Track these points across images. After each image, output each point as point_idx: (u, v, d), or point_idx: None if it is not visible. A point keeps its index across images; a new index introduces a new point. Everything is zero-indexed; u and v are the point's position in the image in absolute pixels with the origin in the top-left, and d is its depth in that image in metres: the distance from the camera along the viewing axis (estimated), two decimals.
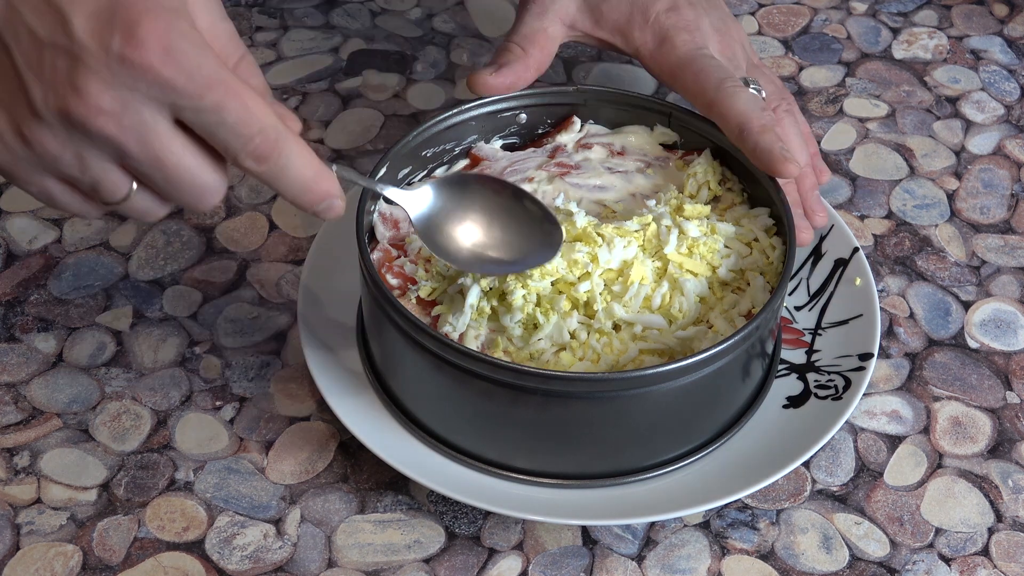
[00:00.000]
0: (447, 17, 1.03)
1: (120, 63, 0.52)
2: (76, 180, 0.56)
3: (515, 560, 0.70)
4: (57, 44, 0.52)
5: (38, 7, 0.52)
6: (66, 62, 0.52)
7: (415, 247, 0.73)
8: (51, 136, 0.54)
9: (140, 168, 0.56)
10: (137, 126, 0.54)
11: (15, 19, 0.52)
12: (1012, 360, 0.80)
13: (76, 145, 0.54)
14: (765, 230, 0.74)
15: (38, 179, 0.56)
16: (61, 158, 0.55)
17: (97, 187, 0.57)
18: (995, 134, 0.95)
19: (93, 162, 0.55)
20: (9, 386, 0.77)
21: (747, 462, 0.70)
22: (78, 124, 0.53)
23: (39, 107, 0.53)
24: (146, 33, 0.52)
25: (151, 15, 0.53)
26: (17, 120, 0.54)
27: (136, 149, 0.55)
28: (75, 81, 0.52)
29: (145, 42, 0.52)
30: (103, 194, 0.57)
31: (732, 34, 0.83)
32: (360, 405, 0.72)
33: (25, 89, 0.53)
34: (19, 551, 0.70)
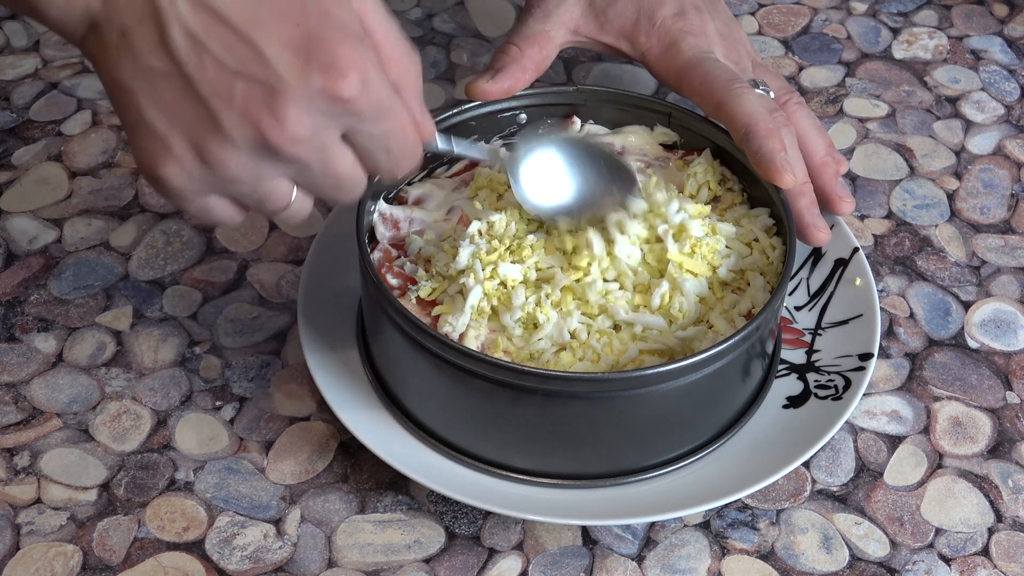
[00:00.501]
0: (447, 17, 1.03)
1: (321, 94, 0.55)
2: (245, 196, 0.59)
3: (515, 560, 0.70)
4: (251, 74, 0.54)
5: (225, 38, 0.54)
6: (263, 92, 0.54)
7: (415, 247, 0.73)
8: (236, 159, 0.56)
9: (313, 180, 0.59)
10: (322, 147, 0.57)
11: (199, 50, 0.54)
12: (1012, 360, 0.80)
13: (259, 167, 0.57)
14: (765, 230, 0.75)
15: (203, 198, 0.58)
16: (240, 179, 0.57)
17: (264, 200, 0.59)
18: (995, 134, 0.95)
19: (269, 180, 0.58)
20: (9, 386, 0.77)
21: (747, 462, 0.70)
22: (272, 149, 0.55)
23: (229, 133, 0.55)
24: (346, 66, 0.55)
25: (347, 46, 0.55)
26: (199, 144, 0.55)
27: (317, 167, 0.57)
28: (275, 110, 0.54)
29: (346, 75, 0.55)
30: (268, 206, 0.59)
31: (737, 39, 0.83)
32: (360, 405, 0.72)
33: (212, 115, 0.55)
34: (19, 551, 0.70)
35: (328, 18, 0.55)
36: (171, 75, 0.55)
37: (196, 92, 0.55)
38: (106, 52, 0.56)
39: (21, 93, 0.96)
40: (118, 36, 0.55)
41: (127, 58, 0.55)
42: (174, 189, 0.57)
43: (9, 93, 0.96)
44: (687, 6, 0.81)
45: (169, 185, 0.57)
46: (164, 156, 0.56)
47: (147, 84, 0.55)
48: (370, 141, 0.58)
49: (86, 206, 0.88)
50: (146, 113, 0.55)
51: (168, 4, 0.54)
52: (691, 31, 0.80)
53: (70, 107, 0.95)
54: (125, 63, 0.55)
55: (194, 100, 0.55)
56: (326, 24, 0.55)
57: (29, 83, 0.97)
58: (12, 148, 0.92)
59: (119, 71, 0.55)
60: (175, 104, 0.55)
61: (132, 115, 0.56)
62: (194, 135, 0.55)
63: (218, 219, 0.60)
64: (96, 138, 0.92)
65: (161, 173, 0.56)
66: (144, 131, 0.56)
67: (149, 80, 0.55)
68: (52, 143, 0.92)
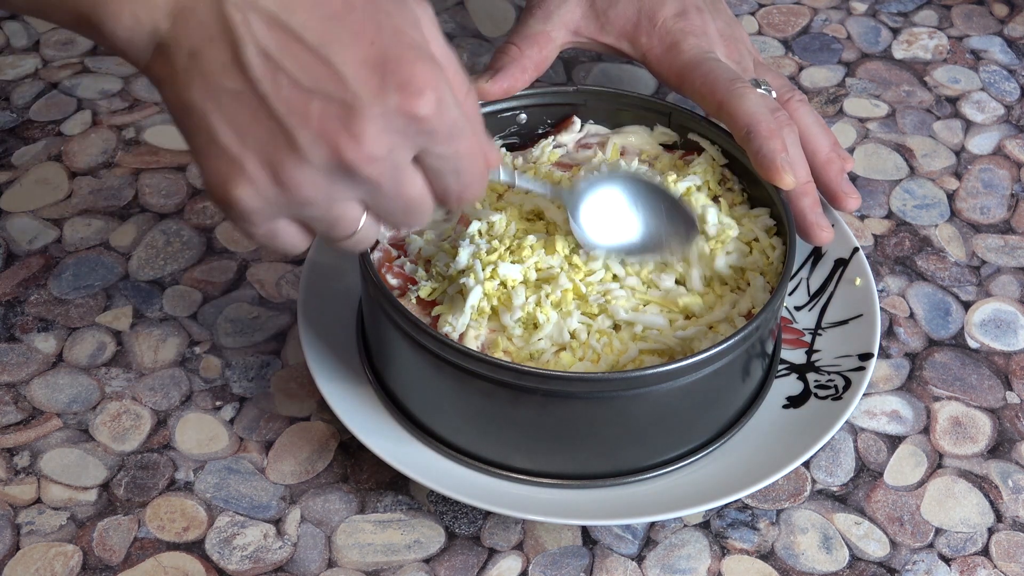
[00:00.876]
0: (447, 17, 1.03)
1: (398, 113, 0.54)
2: (316, 220, 0.58)
3: (515, 560, 0.70)
4: (327, 92, 0.54)
5: (300, 57, 0.53)
6: (339, 110, 0.54)
7: (415, 247, 0.73)
8: (311, 179, 0.55)
9: (383, 204, 0.58)
10: (395, 168, 0.56)
11: (274, 69, 0.53)
12: (1012, 360, 0.80)
13: (332, 188, 0.56)
14: (765, 230, 0.75)
15: (273, 222, 0.57)
16: (313, 200, 0.56)
17: (334, 225, 0.58)
18: (995, 134, 0.95)
19: (341, 203, 0.57)
20: (9, 386, 0.77)
21: (747, 462, 0.70)
22: (348, 169, 0.55)
23: (305, 151, 0.54)
24: (423, 85, 0.54)
25: (422, 65, 0.55)
26: (275, 164, 0.54)
27: (390, 189, 0.57)
28: (352, 129, 0.54)
29: (423, 94, 0.54)
30: (337, 231, 0.58)
31: (738, 38, 0.83)
32: (360, 405, 0.72)
33: (287, 134, 0.54)
34: (19, 551, 0.70)
35: (402, 37, 0.55)
36: (244, 94, 0.54)
37: (271, 111, 0.54)
38: (175, 74, 0.55)
39: (21, 93, 0.96)
40: (188, 57, 0.54)
41: (198, 79, 0.54)
42: (245, 211, 0.56)
43: (9, 93, 0.96)
44: (688, 6, 0.81)
45: (240, 207, 0.56)
46: (237, 177, 0.55)
47: (219, 104, 0.54)
48: (441, 163, 0.57)
49: (86, 206, 0.88)
50: (218, 134, 0.54)
51: (242, 23, 0.53)
52: (692, 31, 0.80)
53: (70, 107, 0.95)
54: (196, 84, 0.54)
55: (268, 119, 0.54)
56: (400, 43, 0.55)
57: (29, 83, 0.97)
58: (12, 148, 0.92)
59: (189, 92, 0.54)
60: (248, 124, 0.54)
61: (203, 137, 0.55)
62: (268, 155, 0.54)
63: (284, 245, 0.59)
64: (96, 138, 0.93)
65: (234, 194, 0.55)
66: (216, 152, 0.55)
67: (221, 100, 0.54)
68: (52, 143, 0.92)
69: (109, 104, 0.95)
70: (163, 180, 0.89)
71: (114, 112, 0.94)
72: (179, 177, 0.90)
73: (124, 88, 0.96)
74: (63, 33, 1.01)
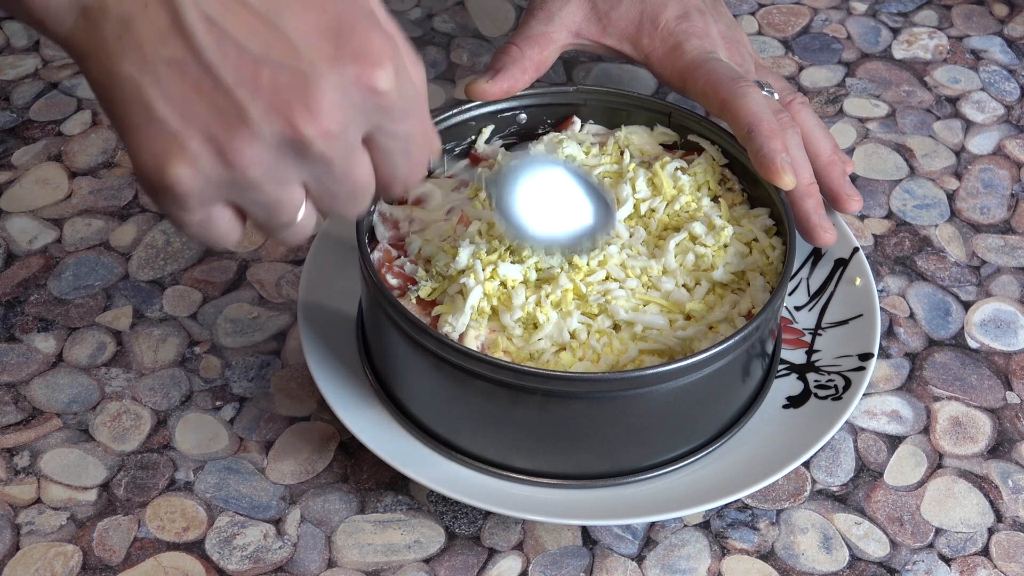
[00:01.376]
0: (447, 17, 1.03)
1: (355, 84, 0.50)
2: (256, 204, 0.53)
3: (515, 560, 0.70)
4: (278, 61, 0.50)
5: (248, 22, 0.49)
6: (293, 79, 0.50)
7: (415, 247, 0.73)
8: (259, 157, 0.51)
9: (328, 187, 0.53)
10: (346, 146, 0.52)
11: (219, 36, 0.49)
12: (1012, 360, 0.80)
13: (280, 167, 0.51)
14: (765, 230, 0.75)
15: (207, 208, 0.52)
16: (260, 180, 0.51)
17: (274, 210, 0.53)
18: (995, 134, 0.95)
19: (285, 185, 0.52)
20: (9, 386, 0.77)
21: (747, 462, 0.70)
22: (301, 145, 0.51)
23: (256, 125, 0.50)
24: (381, 55, 0.51)
25: (379, 34, 0.51)
26: (221, 141, 0.50)
27: (339, 171, 0.53)
28: (308, 101, 0.50)
29: (382, 65, 0.51)
30: (278, 217, 0.54)
31: (740, 41, 0.83)
32: (360, 405, 0.72)
33: (237, 106, 0.50)
34: (19, 551, 0.70)
35: (355, 5, 0.51)
36: (186, 64, 0.49)
37: (217, 81, 0.49)
38: (102, 43, 0.50)
39: (21, 93, 0.96)
40: (118, 23, 0.50)
41: (131, 48, 0.50)
42: (183, 194, 0.51)
43: (9, 93, 0.96)
44: (690, 8, 0.81)
45: (179, 189, 0.51)
46: (177, 155, 0.50)
47: (156, 76, 0.50)
48: (393, 143, 0.54)
49: (86, 206, 0.88)
50: (156, 108, 0.50)
51: None
52: (695, 33, 0.80)
53: (70, 107, 0.95)
54: (129, 53, 0.50)
55: (214, 90, 0.49)
56: (355, 10, 0.51)
57: (29, 83, 0.97)
58: (12, 148, 0.92)
59: (121, 63, 0.50)
60: (191, 96, 0.50)
61: (137, 113, 0.50)
62: (214, 130, 0.50)
63: (217, 235, 0.54)
64: (96, 138, 0.93)
65: (172, 174, 0.50)
66: (153, 129, 0.50)
67: (159, 71, 0.50)
68: (52, 143, 0.92)
69: None
70: None
71: None
72: None
73: None
74: None
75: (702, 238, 0.73)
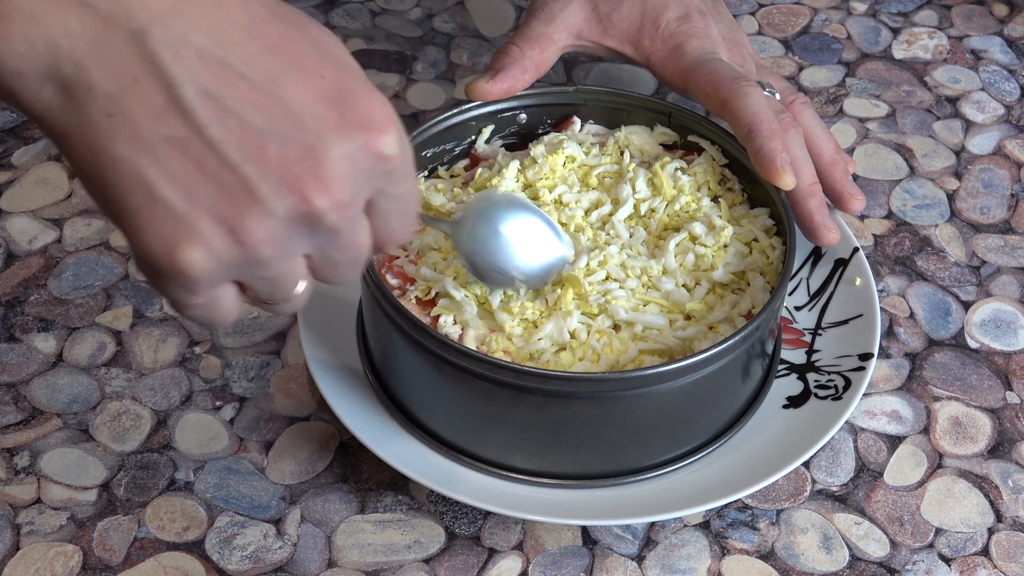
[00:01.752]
0: (447, 17, 1.03)
1: (363, 152, 0.49)
2: (262, 281, 0.51)
3: (515, 560, 0.70)
4: (283, 134, 0.48)
5: (248, 96, 0.47)
6: (300, 152, 0.48)
7: (415, 247, 0.73)
8: (271, 233, 0.48)
9: (332, 256, 0.52)
10: (354, 214, 0.50)
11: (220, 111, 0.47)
12: (1012, 360, 0.80)
13: (290, 241, 0.49)
14: (765, 230, 0.75)
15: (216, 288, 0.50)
16: (271, 257, 0.49)
17: (279, 285, 0.51)
18: (995, 134, 0.95)
19: (290, 258, 0.50)
20: (9, 386, 0.77)
21: (747, 462, 0.70)
22: (313, 217, 0.49)
23: (267, 203, 0.48)
24: (385, 121, 0.49)
25: (378, 99, 0.50)
26: (232, 221, 0.48)
27: (346, 239, 0.51)
28: (319, 173, 0.48)
29: (387, 131, 0.49)
30: (281, 291, 0.52)
31: (740, 42, 0.83)
32: (360, 405, 0.72)
33: (245, 184, 0.47)
34: (19, 551, 0.70)
35: (347, 68, 0.50)
36: (188, 141, 0.47)
37: (223, 158, 0.47)
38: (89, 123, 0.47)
39: None
40: (107, 101, 0.47)
41: (124, 127, 0.47)
42: (194, 278, 0.48)
43: None
44: (691, 10, 0.81)
45: (190, 272, 0.48)
46: (187, 238, 0.47)
47: (155, 157, 0.47)
48: (392, 204, 0.52)
49: (86, 206, 0.88)
50: (159, 190, 0.47)
51: (173, 60, 0.46)
52: (696, 34, 0.80)
53: None
54: (122, 133, 0.47)
55: (220, 168, 0.47)
56: (348, 75, 0.50)
57: None
58: (12, 148, 0.92)
59: (114, 144, 0.47)
60: (195, 176, 0.47)
61: (137, 196, 0.47)
62: (223, 209, 0.47)
63: (220, 316, 0.52)
64: None
65: (184, 260, 0.48)
66: (157, 212, 0.47)
67: (158, 151, 0.47)
68: (52, 143, 0.92)
69: None
70: None
71: None
72: None
73: None
74: None
75: (702, 238, 0.73)
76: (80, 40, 0.46)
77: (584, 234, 0.73)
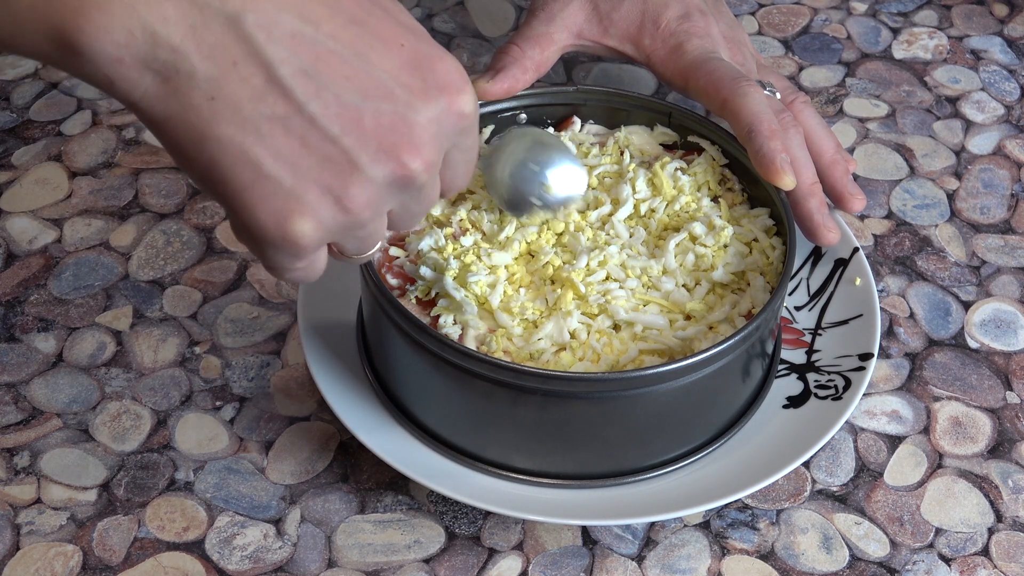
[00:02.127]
0: (447, 17, 1.03)
1: (448, 113, 0.53)
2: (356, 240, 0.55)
3: (515, 560, 0.70)
4: (375, 104, 0.51)
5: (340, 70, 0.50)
6: (393, 120, 0.51)
7: (415, 247, 0.73)
8: (372, 198, 0.52)
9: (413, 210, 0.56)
10: (436, 171, 0.54)
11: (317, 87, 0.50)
12: (1012, 360, 0.80)
13: (384, 202, 0.53)
14: (765, 230, 0.75)
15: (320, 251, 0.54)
16: (371, 220, 0.53)
17: (369, 242, 0.56)
18: (995, 134, 0.95)
19: (381, 218, 0.54)
20: (9, 386, 0.77)
21: (747, 462, 0.70)
22: (409, 179, 0.52)
23: (367, 170, 0.51)
24: (461, 82, 0.53)
25: (452, 62, 0.53)
26: (337, 190, 0.51)
27: (428, 195, 0.55)
28: (413, 138, 0.52)
29: (464, 91, 0.53)
30: (369, 247, 0.56)
31: (741, 41, 0.83)
32: (360, 405, 0.72)
33: (347, 154, 0.51)
34: (19, 551, 0.70)
35: (422, 36, 0.53)
36: (289, 119, 0.50)
37: (324, 132, 0.50)
38: (190, 107, 0.49)
39: (21, 93, 0.96)
40: (208, 86, 0.49)
41: (227, 109, 0.49)
42: (305, 247, 0.52)
43: (9, 93, 0.96)
44: (692, 9, 0.81)
45: (304, 242, 0.52)
46: (297, 210, 0.51)
47: (260, 135, 0.50)
48: (462, 155, 0.56)
49: (86, 206, 0.88)
50: (266, 166, 0.50)
51: (267, 42, 0.49)
52: (696, 33, 0.80)
53: (70, 107, 0.95)
54: (225, 115, 0.49)
55: (322, 141, 0.50)
56: (423, 41, 0.53)
57: (29, 83, 0.97)
58: (12, 148, 0.92)
59: (218, 126, 0.49)
60: (299, 151, 0.50)
61: (245, 173, 0.50)
62: (328, 180, 0.51)
63: (314, 274, 0.56)
64: (96, 138, 0.93)
65: (296, 230, 0.51)
66: (268, 188, 0.50)
67: (262, 129, 0.50)
68: (52, 143, 0.92)
69: (109, 104, 0.95)
70: (163, 180, 0.89)
71: (114, 112, 0.94)
72: (179, 177, 0.90)
73: None
74: None
75: (702, 238, 0.73)
76: (177, 27, 0.48)
77: (584, 234, 0.73)
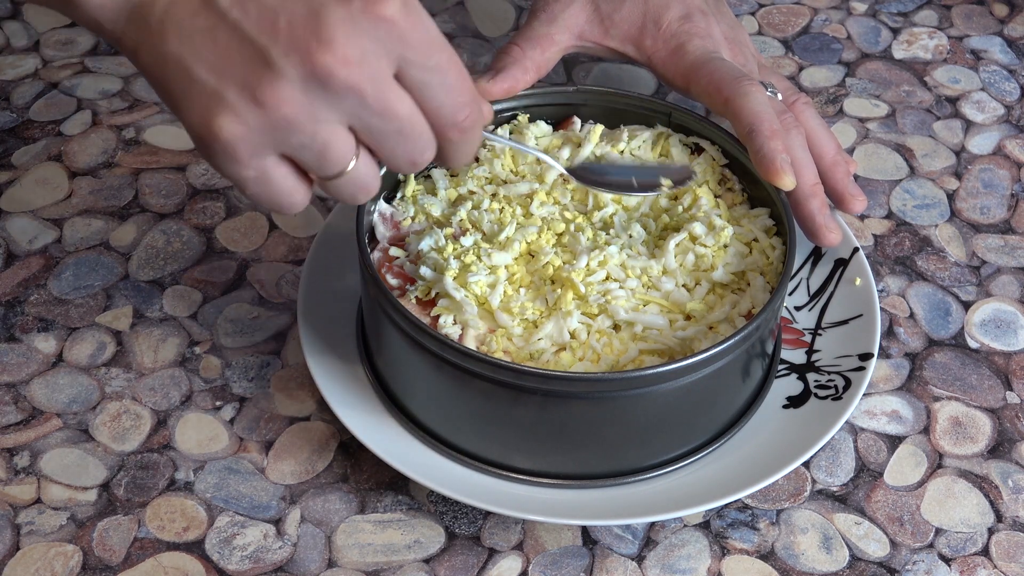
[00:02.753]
0: (447, 17, 1.03)
1: (363, 14, 0.55)
2: (303, 149, 0.57)
3: (515, 560, 0.70)
4: (291, 7, 0.55)
5: None
6: (306, 18, 0.55)
7: (415, 247, 0.73)
8: (289, 95, 0.55)
9: (372, 123, 0.57)
10: (374, 76, 0.56)
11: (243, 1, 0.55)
12: (1012, 360, 0.80)
13: (313, 104, 0.56)
14: (765, 230, 0.75)
15: (259, 159, 0.57)
16: (296, 121, 0.56)
17: (325, 154, 0.57)
18: (995, 134, 0.95)
19: (325, 124, 0.56)
20: (9, 386, 0.77)
21: (747, 462, 0.70)
22: (323, 75, 0.55)
23: (279, 65, 0.55)
24: None
25: None
26: (252, 85, 0.55)
27: (373, 100, 0.56)
28: (320, 33, 0.54)
29: None
30: (330, 162, 0.58)
31: (742, 42, 0.83)
32: (360, 405, 0.72)
33: (261, 52, 0.55)
34: (19, 551, 0.70)
35: None
36: (216, 28, 0.56)
37: (243, 36, 0.55)
38: (150, 33, 0.57)
39: (21, 93, 0.96)
40: (162, 11, 0.57)
41: (172, 29, 0.56)
42: (230, 143, 0.56)
43: (9, 93, 0.96)
44: (693, 10, 0.81)
45: (224, 137, 0.56)
46: (218, 108, 0.56)
47: (193, 47, 0.56)
48: (425, 75, 0.57)
49: (86, 206, 0.88)
50: (195, 72, 0.56)
51: None
52: (698, 33, 0.80)
53: (70, 107, 0.95)
54: (170, 34, 0.56)
55: (241, 44, 0.55)
56: None
57: (29, 83, 0.97)
58: (12, 148, 0.92)
59: (165, 44, 0.56)
60: (223, 56, 0.55)
61: (182, 82, 0.56)
62: (244, 79, 0.55)
63: (279, 192, 0.59)
64: (96, 138, 0.93)
65: (216, 125, 0.56)
66: (195, 91, 0.56)
67: (195, 41, 0.56)
68: (52, 143, 0.92)
69: (109, 104, 0.95)
70: (163, 180, 0.89)
71: (114, 112, 0.94)
72: (179, 177, 0.90)
73: (124, 88, 0.96)
74: (63, 33, 1.00)
75: (702, 238, 0.73)
76: None
77: (584, 234, 0.73)
